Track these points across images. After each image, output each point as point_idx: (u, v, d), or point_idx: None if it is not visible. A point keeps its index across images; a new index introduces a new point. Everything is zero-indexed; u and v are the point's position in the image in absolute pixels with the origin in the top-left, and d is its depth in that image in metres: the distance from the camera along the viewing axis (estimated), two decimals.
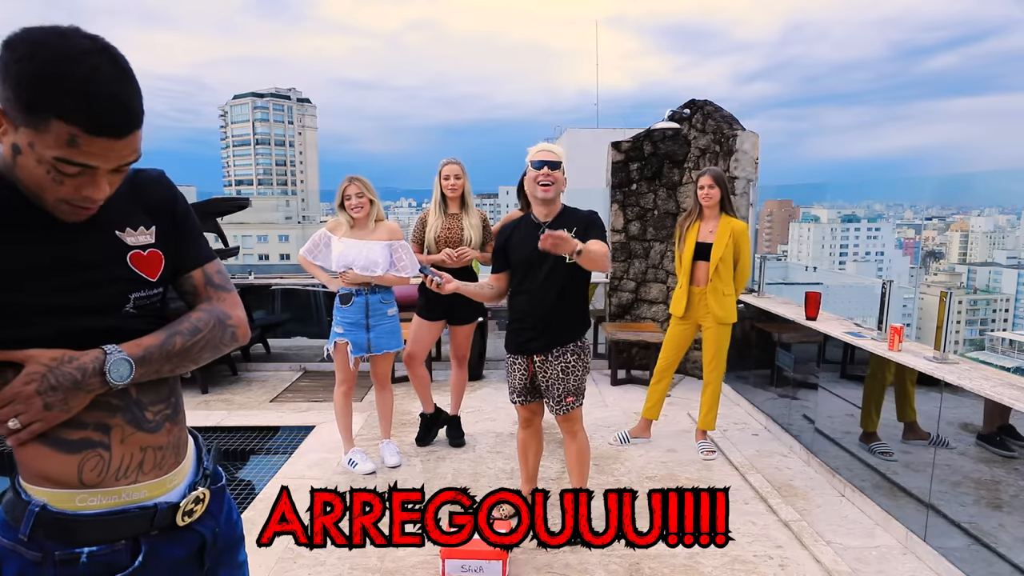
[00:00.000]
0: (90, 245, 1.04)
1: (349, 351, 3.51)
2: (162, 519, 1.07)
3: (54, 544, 0.99)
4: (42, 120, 0.90)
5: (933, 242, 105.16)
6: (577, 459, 2.98)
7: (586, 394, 2.99)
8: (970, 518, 2.64)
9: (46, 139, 0.91)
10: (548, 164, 2.75)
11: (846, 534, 3.06)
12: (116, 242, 1.08)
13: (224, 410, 4.77)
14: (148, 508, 1.05)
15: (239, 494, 3.48)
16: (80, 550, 1.00)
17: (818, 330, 3.77)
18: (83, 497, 1.01)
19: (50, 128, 0.90)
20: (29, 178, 0.97)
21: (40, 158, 0.93)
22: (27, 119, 0.91)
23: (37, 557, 0.99)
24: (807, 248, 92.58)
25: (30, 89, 0.90)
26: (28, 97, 0.90)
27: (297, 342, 6.72)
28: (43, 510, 0.99)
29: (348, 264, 3.46)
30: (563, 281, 2.79)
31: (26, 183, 0.98)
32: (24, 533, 0.99)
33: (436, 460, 3.87)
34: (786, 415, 4.21)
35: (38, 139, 0.92)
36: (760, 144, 5.12)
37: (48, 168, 0.94)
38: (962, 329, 71.32)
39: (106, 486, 1.03)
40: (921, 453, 2.96)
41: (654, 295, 5.85)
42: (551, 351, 2.83)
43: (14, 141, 0.94)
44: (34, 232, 1.00)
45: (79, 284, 1.02)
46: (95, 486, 1.02)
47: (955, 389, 2.72)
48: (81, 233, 1.03)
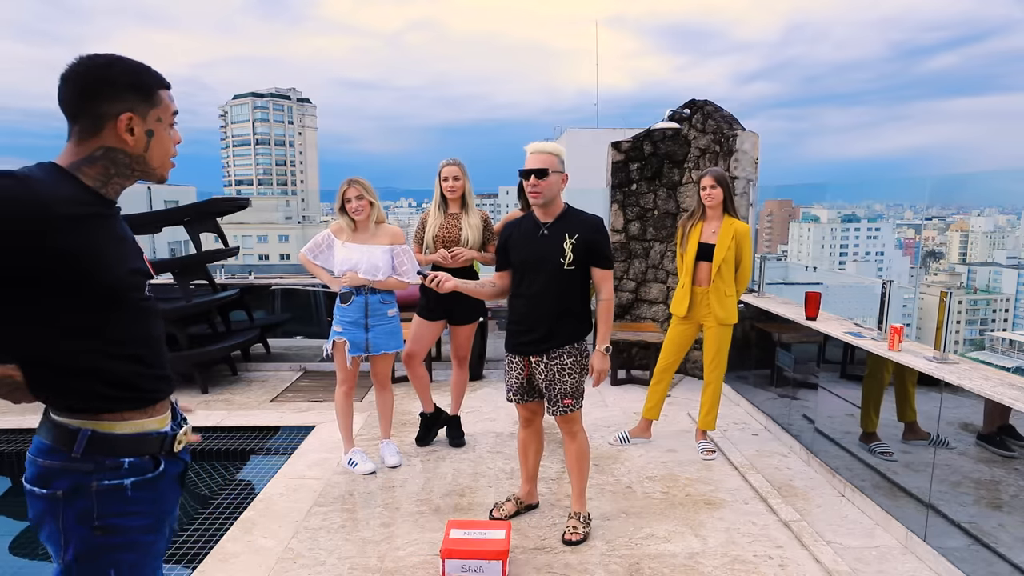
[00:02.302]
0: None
1: (347, 350, 3.52)
2: (168, 444, 1.43)
3: (103, 456, 1.32)
4: (155, 95, 1.35)
5: (933, 242, 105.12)
6: (577, 460, 2.98)
7: (586, 394, 2.99)
8: (970, 518, 2.64)
9: (163, 106, 1.36)
10: (535, 173, 2.73)
11: (846, 534, 3.06)
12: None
13: (224, 410, 4.77)
14: (161, 433, 1.41)
15: (239, 495, 3.48)
16: (123, 459, 1.34)
17: (818, 330, 3.78)
18: (119, 425, 1.34)
19: (160, 97, 1.36)
20: (160, 153, 1.38)
21: (168, 122, 1.38)
22: (148, 101, 1.33)
23: (90, 467, 1.31)
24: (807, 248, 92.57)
25: (138, 78, 1.32)
26: (140, 83, 1.32)
27: (297, 342, 6.72)
28: (93, 433, 1.31)
29: (350, 268, 3.47)
30: (562, 284, 2.78)
31: (156, 160, 1.38)
32: (78, 452, 1.30)
33: (436, 460, 3.87)
34: (786, 415, 4.21)
35: (160, 111, 1.36)
36: (760, 144, 5.12)
37: (167, 128, 1.38)
38: (962, 329, 71.23)
39: (134, 418, 1.38)
40: (921, 453, 2.96)
41: (654, 295, 5.85)
42: (548, 353, 2.83)
43: (147, 128, 1.34)
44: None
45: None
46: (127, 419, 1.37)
47: (955, 389, 2.72)
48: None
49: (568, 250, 2.75)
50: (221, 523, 3.14)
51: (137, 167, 1.37)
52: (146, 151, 1.35)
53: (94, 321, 1.31)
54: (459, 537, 2.67)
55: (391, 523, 3.10)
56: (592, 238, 2.78)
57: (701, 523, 3.13)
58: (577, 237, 2.76)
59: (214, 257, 5.68)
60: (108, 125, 1.30)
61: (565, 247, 2.76)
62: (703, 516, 3.20)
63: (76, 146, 1.31)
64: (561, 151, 2.80)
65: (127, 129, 1.31)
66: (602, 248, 2.80)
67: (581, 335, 2.88)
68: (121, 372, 1.34)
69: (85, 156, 1.31)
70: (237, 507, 3.29)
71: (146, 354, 1.39)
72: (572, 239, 2.76)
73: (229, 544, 2.91)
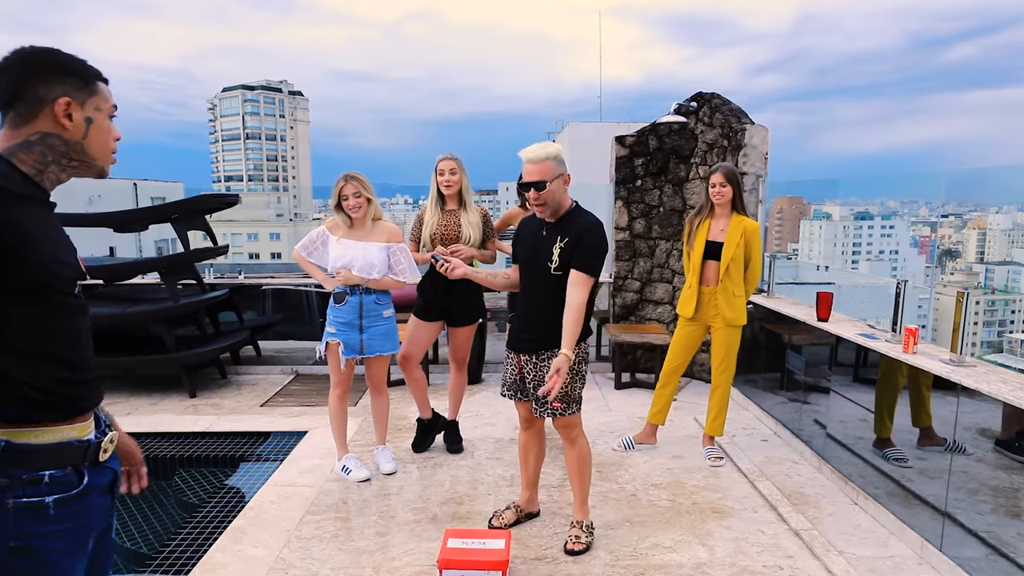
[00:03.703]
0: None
1: (340, 352, 3.52)
2: (91, 453, 1.37)
3: (20, 470, 1.25)
4: (93, 84, 1.36)
5: (949, 240, 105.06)
6: (577, 466, 2.98)
7: (589, 398, 2.99)
8: (988, 527, 2.65)
9: (102, 96, 1.38)
10: (534, 186, 2.72)
11: (859, 544, 3.06)
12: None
13: (213, 415, 4.77)
14: (84, 442, 1.36)
15: (228, 502, 3.49)
16: (42, 473, 1.28)
17: (830, 332, 3.78)
18: (37, 433, 1.29)
19: (99, 88, 1.37)
20: (100, 143, 1.38)
21: (107, 113, 1.39)
22: (86, 88, 1.34)
23: (5, 483, 1.24)
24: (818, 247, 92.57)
25: (76, 66, 1.34)
26: (78, 70, 1.34)
27: (289, 344, 6.72)
28: (7, 444, 1.25)
29: (345, 266, 3.47)
30: (550, 287, 2.78)
31: (96, 150, 1.37)
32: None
33: (433, 467, 3.87)
34: (797, 420, 4.22)
35: (99, 100, 1.37)
36: (770, 139, 5.12)
37: (106, 119, 1.38)
38: (979, 331, 71.24)
39: (54, 427, 1.32)
40: (937, 459, 2.96)
41: (660, 295, 5.85)
42: (537, 353, 2.86)
43: (86, 115, 1.34)
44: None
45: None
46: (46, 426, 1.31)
47: (972, 393, 2.72)
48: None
49: (555, 254, 2.75)
50: (210, 532, 3.14)
51: (75, 155, 1.35)
52: (85, 138, 1.35)
53: (13, 314, 1.24)
54: (457, 547, 2.67)
55: (386, 532, 3.10)
56: (578, 239, 2.73)
57: (708, 532, 3.13)
58: (567, 241, 2.74)
59: (202, 256, 5.68)
60: (45, 110, 1.30)
61: (554, 250, 2.76)
62: (710, 525, 3.20)
63: (11, 131, 1.30)
64: (557, 151, 2.74)
65: (65, 114, 1.31)
66: (583, 249, 2.72)
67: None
68: (43, 376, 1.28)
69: (20, 141, 1.30)
70: (226, 516, 3.29)
71: (72, 358, 1.33)
72: (562, 243, 2.75)
73: (218, 554, 2.91)
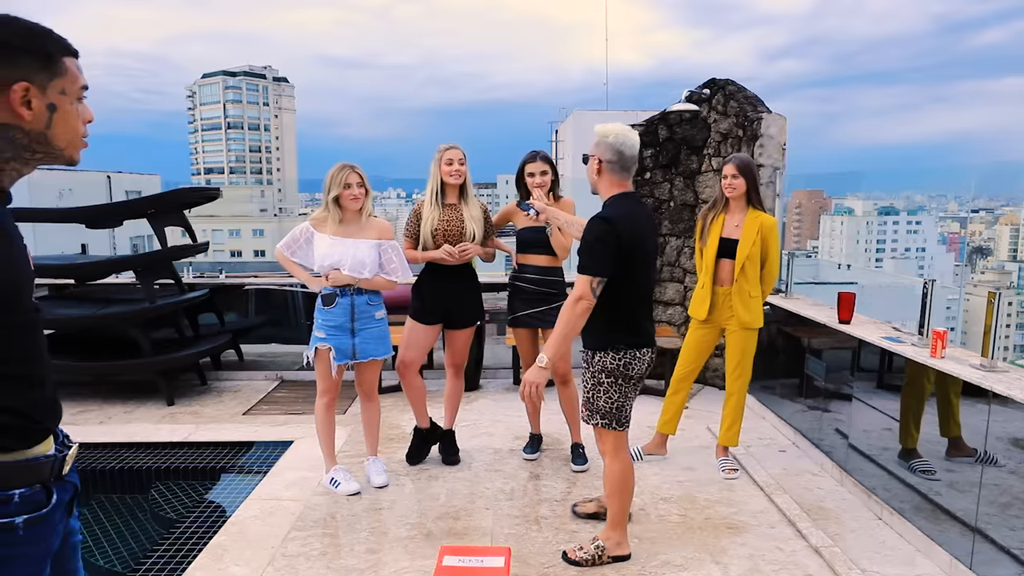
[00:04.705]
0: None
1: (332, 358, 3.51)
2: (57, 468, 1.35)
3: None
4: (57, 62, 1.25)
5: (980, 237, 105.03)
6: (607, 486, 3.00)
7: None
8: (1022, 544, 2.65)
9: (69, 76, 1.28)
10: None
11: (883, 561, 3.07)
12: None
13: (192, 424, 4.78)
14: (50, 456, 1.33)
15: (208, 517, 3.49)
16: (12, 492, 1.25)
17: (852, 335, 3.78)
18: (4, 453, 1.26)
19: (65, 66, 1.27)
20: (67, 130, 1.29)
21: (75, 95, 1.29)
22: (48, 69, 1.24)
23: None
24: (840, 244, 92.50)
25: (35, 41, 1.23)
26: (38, 48, 1.23)
27: (273, 348, 6.73)
28: None
29: (333, 264, 3.46)
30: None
31: (62, 139, 1.29)
32: None
33: (428, 479, 3.87)
34: (817, 429, 4.22)
35: (65, 82, 1.27)
36: (788, 128, 5.13)
37: (74, 102, 1.29)
38: (1012, 334, 71.32)
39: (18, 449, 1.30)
40: (967, 472, 2.96)
41: (670, 296, 5.86)
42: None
43: (48, 101, 1.25)
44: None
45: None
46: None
47: (1005, 400, 2.72)
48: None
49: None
50: (188, 550, 3.15)
51: (39, 148, 1.27)
52: (48, 128, 1.26)
53: None
54: (453, 565, 2.66)
55: (378, 549, 3.11)
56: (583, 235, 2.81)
57: (722, 549, 3.13)
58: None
59: (181, 254, 5.69)
60: (0, 98, 1.22)
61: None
62: (724, 542, 3.20)
63: None
64: (603, 132, 2.81)
65: (23, 102, 1.22)
66: (582, 245, 2.79)
67: (589, 345, 2.91)
68: (4, 397, 1.25)
69: None
70: (206, 532, 3.30)
71: (34, 375, 1.30)
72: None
73: (198, 573, 2.91)
